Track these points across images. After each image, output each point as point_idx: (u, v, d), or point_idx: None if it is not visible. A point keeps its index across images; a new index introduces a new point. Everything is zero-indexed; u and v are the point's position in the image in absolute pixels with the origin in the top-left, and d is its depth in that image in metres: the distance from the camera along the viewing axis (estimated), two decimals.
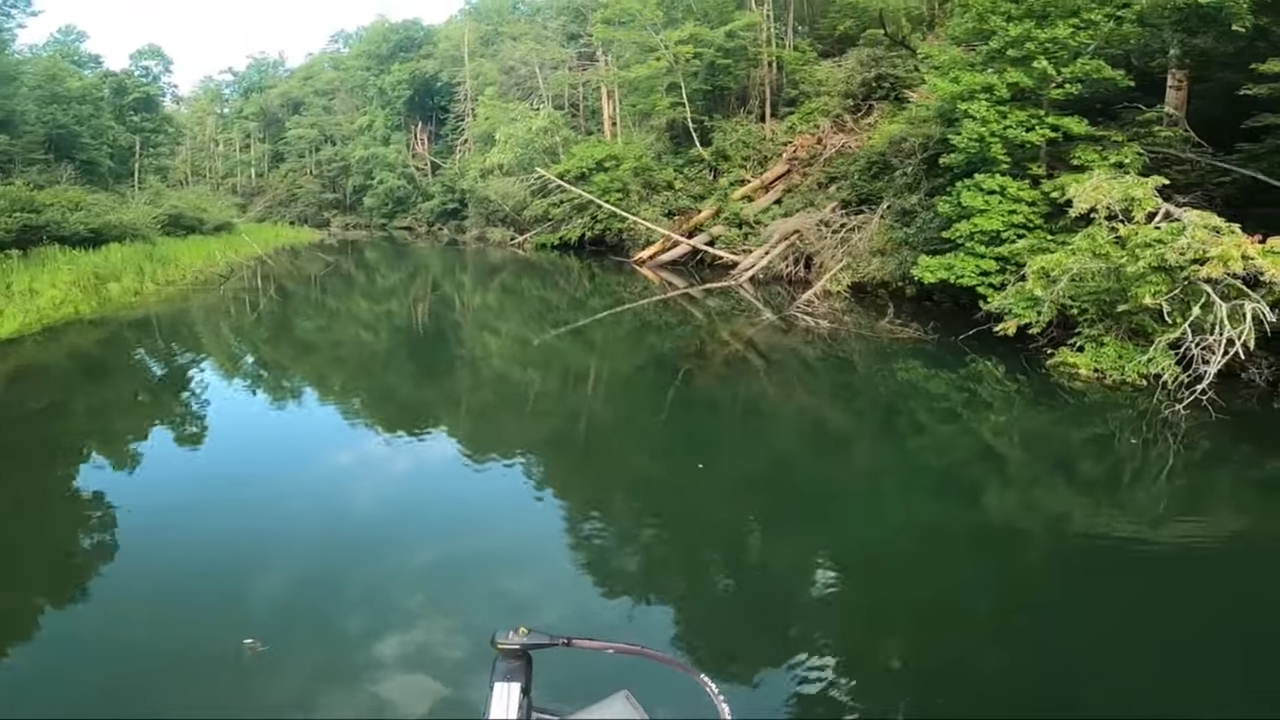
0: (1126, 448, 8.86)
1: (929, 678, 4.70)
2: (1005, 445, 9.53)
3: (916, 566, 6.17)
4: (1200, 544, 6.45)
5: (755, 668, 4.72)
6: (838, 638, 5.12)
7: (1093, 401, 10.21)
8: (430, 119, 55.78)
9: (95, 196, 26.72)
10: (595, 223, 29.22)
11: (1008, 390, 11.23)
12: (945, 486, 8.10)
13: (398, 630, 5.02)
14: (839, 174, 22.05)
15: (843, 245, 19.36)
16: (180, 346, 16.04)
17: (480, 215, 40.64)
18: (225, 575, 5.73)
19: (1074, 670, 4.64)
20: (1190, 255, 9.49)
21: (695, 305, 20.10)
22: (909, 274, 16.69)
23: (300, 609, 5.36)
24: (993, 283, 13.63)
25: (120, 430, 9.95)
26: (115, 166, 35.58)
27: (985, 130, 13.75)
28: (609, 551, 6.50)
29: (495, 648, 1.72)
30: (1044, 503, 7.68)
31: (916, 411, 10.93)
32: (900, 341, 13.97)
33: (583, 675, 2.41)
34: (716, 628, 5.29)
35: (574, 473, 8.77)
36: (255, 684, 4.46)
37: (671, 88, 27.64)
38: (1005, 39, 13.52)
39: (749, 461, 8.94)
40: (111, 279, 20.16)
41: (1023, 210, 13.76)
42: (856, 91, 24.56)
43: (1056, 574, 6.09)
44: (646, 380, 13.51)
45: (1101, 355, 10.76)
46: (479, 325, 19.98)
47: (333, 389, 13.17)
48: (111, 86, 38.53)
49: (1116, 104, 13.98)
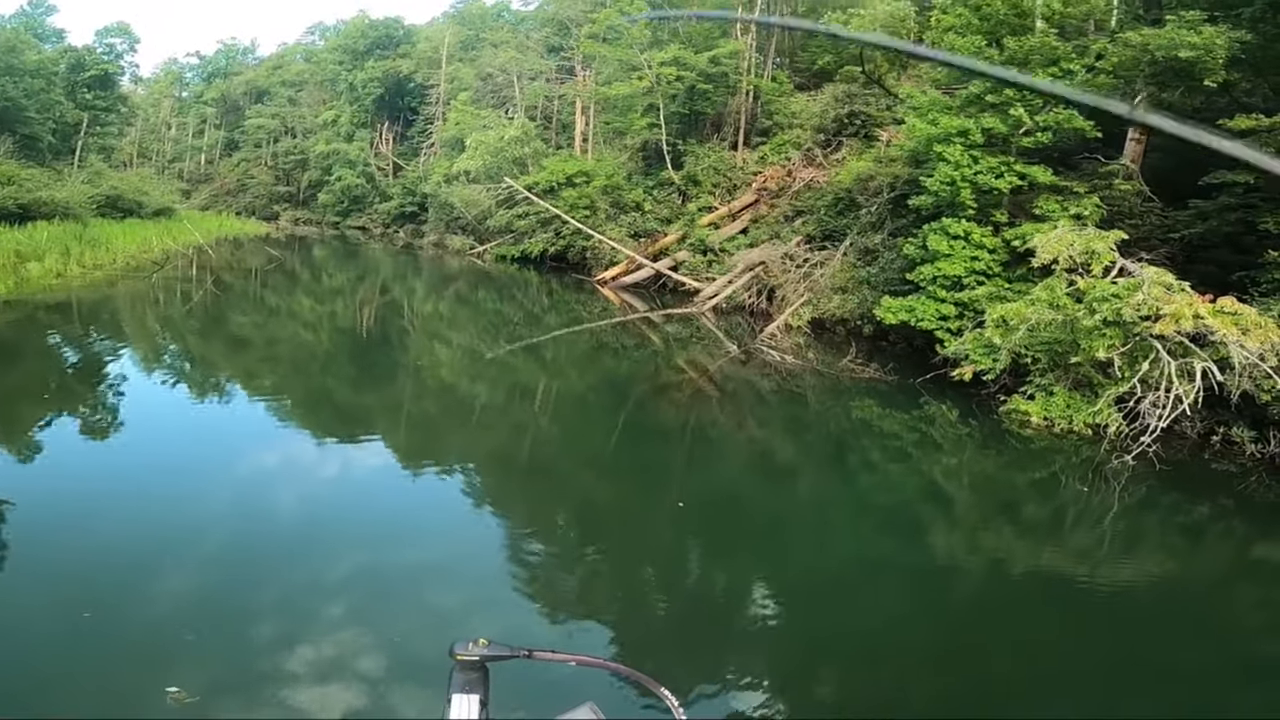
0: (1070, 493, 9.01)
1: (865, 706, 4.84)
2: (954, 486, 9.58)
3: (859, 599, 6.28)
4: (1133, 584, 6.72)
5: (699, 686, 4.71)
6: (777, 663, 5.20)
7: (1040, 448, 10.30)
8: (398, 119, 54.72)
9: (29, 172, 25.57)
10: (559, 238, 28.70)
11: (959, 434, 11.25)
12: (894, 523, 8.24)
13: (308, 641, 4.75)
14: (806, 208, 21.95)
15: (805, 280, 19.15)
16: (100, 334, 14.93)
17: (440, 221, 39.73)
18: (135, 573, 5.38)
19: (1006, 703, 4.89)
20: (1144, 311, 9.65)
21: (655, 330, 19.69)
22: (868, 313, 16.62)
23: (208, 614, 4.99)
24: (950, 328, 13.58)
25: (23, 418, 9.11)
26: (56, 143, 34.25)
27: (958, 174, 13.76)
28: (544, 572, 6.30)
29: (453, 659, 1.70)
30: (987, 542, 7.83)
31: (869, 449, 10.90)
32: (858, 380, 13.76)
33: (543, 688, 2.40)
34: (656, 649, 5.26)
35: (514, 491, 8.48)
36: (157, 695, 4.08)
37: (649, 108, 27.42)
38: (985, 84, 13.56)
39: (697, 489, 8.80)
40: (33, 258, 18.74)
41: (984, 257, 13.78)
42: (829, 126, 24.61)
43: (995, 610, 6.29)
44: (598, 402, 13.18)
45: (1051, 404, 10.78)
46: (428, 334, 19.20)
47: (263, 388, 12.40)
48: (69, 62, 37.44)
49: (1076, 154, 14.15)
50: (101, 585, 5.18)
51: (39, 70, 32.03)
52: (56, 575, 5.32)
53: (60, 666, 4.31)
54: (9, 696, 4.01)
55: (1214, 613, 6.42)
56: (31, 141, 30.86)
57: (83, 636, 4.59)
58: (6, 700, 3.97)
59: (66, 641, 4.54)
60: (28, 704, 4.02)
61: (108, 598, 5.03)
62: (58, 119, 33.89)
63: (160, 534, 6.04)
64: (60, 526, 6.13)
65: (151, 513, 6.48)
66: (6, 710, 3.73)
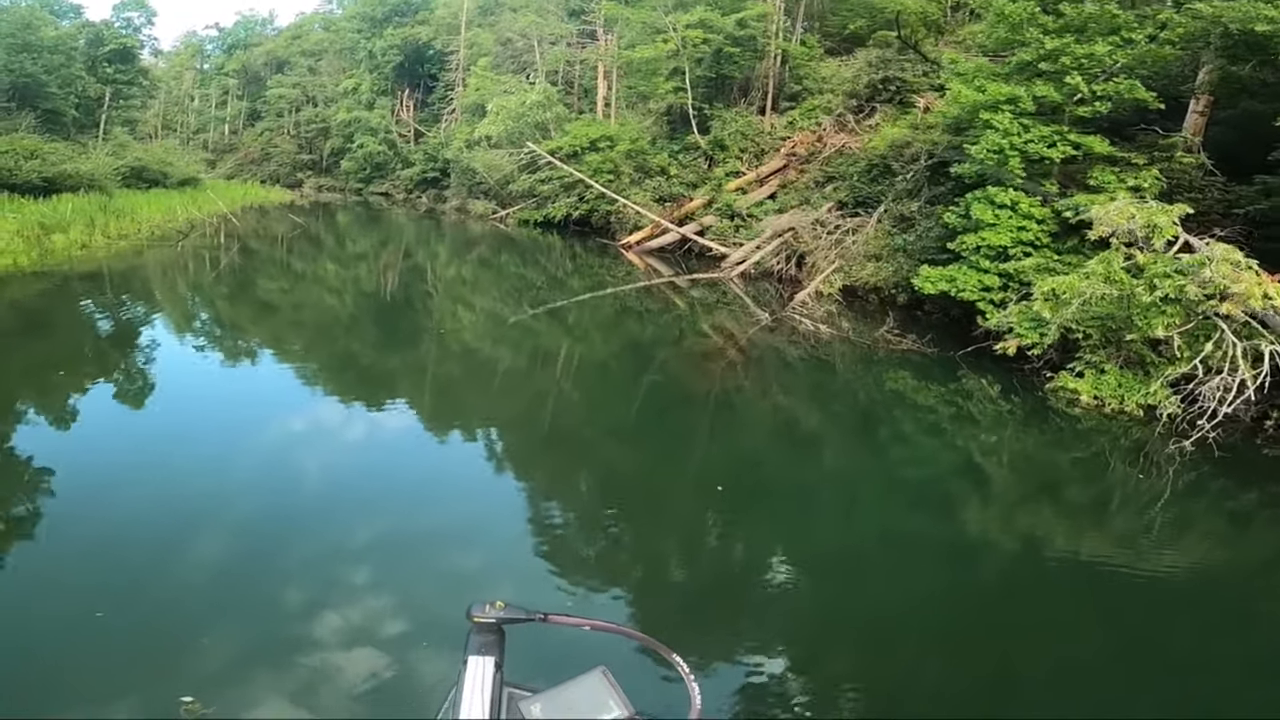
0: (1117, 476, 8.55)
1: (884, 684, 4.67)
2: (992, 464, 9.14)
3: (884, 574, 6.05)
4: (1174, 572, 6.35)
5: (714, 657, 4.64)
6: (794, 635, 5.06)
7: (1086, 428, 9.79)
8: (418, 86, 54.27)
9: (53, 145, 25.64)
10: (582, 202, 28.36)
11: (1000, 410, 10.79)
12: (925, 498, 7.90)
13: (337, 606, 4.72)
14: (837, 174, 21.39)
15: (836, 247, 18.67)
16: (129, 302, 15.01)
17: (462, 186, 39.51)
18: (163, 542, 5.38)
19: (1031, 688, 4.67)
20: (1209, 289, 9.07)
21: (680, 295, 19.39)
22: (903, 281, 16.18)
23: (239, 580, 5.03)
24: (993, 299, 13.08)
25: (56, 386, 9.14)
26: (80, 117, 34.39)
27: (1006, 143, 13.20)
28: (565, 536, 6.25)
29: (470, 621, 1.75)
30: (1023, 523, 7.47)
31: (902, 422, 10.50)
32: (893, 351, 13.37)
33: (557, 651, 2.40)
34: (672, 616, 5.18)
35: (536, 456, 8.35)
36: (186, 663, 4.11)
37: (675, 72, 26.79)
38: (1040, 51, 12.95)
39: (722, 459, 8.59)
40: (57, 230, 18.72)
41: (1032, 228, 13.19)
42: (861, 92, 23.96)
43: (1027, 593, 5.96)
44: (622, 368, 12.97)
45: (1102, 383, 10.26)
46: (452, 298, 19.04)
47: (290, 353, 12.41)
48: (88, 37, 37.45)
49: (1131, 126, 13.56)
50: (133, 553, 5.25)
51: (57, 46, 32.02)
52: (90, 543, 5.37)
53: (94, 634, 4.33)
54: (48, 668, 4.06)
55: (1263, 606, 6.03)
56: (55, 116, 31.01)
57: (116, 605, 4.59)
58: (47, 668, 4.03)
59: (100, 609, 4.55)
60: (64, 672, 4.04)
61: (140, 566, 5.08)
62: (80, 93, 34.01)
63: (190, 501, 6.08)
64: (93, 494, 6.17)
65: (183, 480, 6.51)
66: (7, 710, 3.70)
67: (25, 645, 4.19)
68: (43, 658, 4.12)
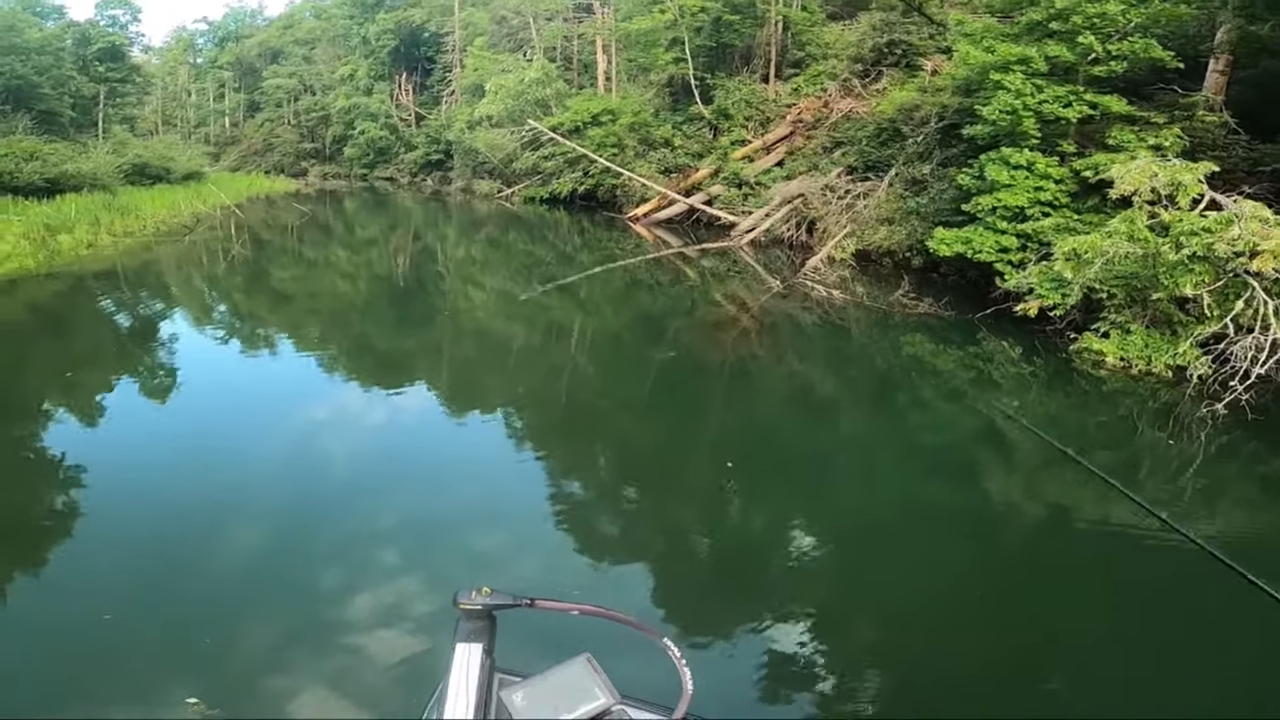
0: (1146, 441, 8.24)
1: (899, 658, 4.51)
2: (1014, 429, 8.69)
3: (900, 545, 5.84)
4: (1211, 542, 5.79)
5: (723, 635, 4.58)
6: (808, 612, 4.86)
7: (1112, 390, 9.51)
8: (415, 69, 53.85)
9: (53, 146, 25.52)
10: (587, 178, 28.21)
11: (1022, 372, 10.53)
12: (944, 465, 7.63)
13: (369, 589, 4.80)
14: (845, 139, 21.17)
15: (848, 212, 18.54)
16: (145, 298, 15.04)
17: (466, 167, 39.38)
18: (195, 536, 5.46)
19: (1054, 662, 4.44)
20: (1239, 247, 8.83)
21: (691, 265, 19.33)
22: (917, 244, 16.07)
23: (271, 570, 5.12)
24: (1011, 260, 12.92)
25: (83, 385, 9.22)
26: (78, 117, 34.24)
27: (1019, 103, 13.00)
28: (586, 512, 6.30)
29: (458, 608, 1.73)
30: (1048, 490, 7.11)
31: (920, 387, 10.31)
32: (909, 315, 13.27)
33: (549, 636, 2.36)
34: (688, 593, 5.13)
35: (553, 431, 8.34)
36: (227, 651, 4.22)
37: (674, 43, 26.49)
38: (1050, 10, 12.70)
39: (736, 429, 8.52)
40: (63, 230, 18.69)
41: (1050, 188, 13.03)
42: (867, 56, 23.63)
43: (1057, 564, 5.62)
44: (635, 340, 12.92)
45: (1128, 344, 10.02)
46: (462, 279, 19.06)
47: (307, 340, 12.53)
48: (75, 37, 37.17)
49: (1150, 85, 13.34)
50: (170, 543, 5.33)
51: (44, 47, 31.78)
52: (126, 538, 5.47)
53: (139, 621, 4.45)
54: (93, 652, 4.19)
55: None
56: (51, 117, 30.89)
57: (156, 596, 4.72)
58: (84, 665, 4.12)
59: (142, 600, 4.68)
60: (111, 652, 4.17)
61: (173, 560, 5.14)
62: (74, 93, 33.84)
63: (219, 494, 6.15)
64: (124, 491, 6.24)
65: (211, 472, 6.58)
66: (8, 708, 3.75)
67: (63, 643, 4.30)
68: (77, 655, 4.21)
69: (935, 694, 4.17)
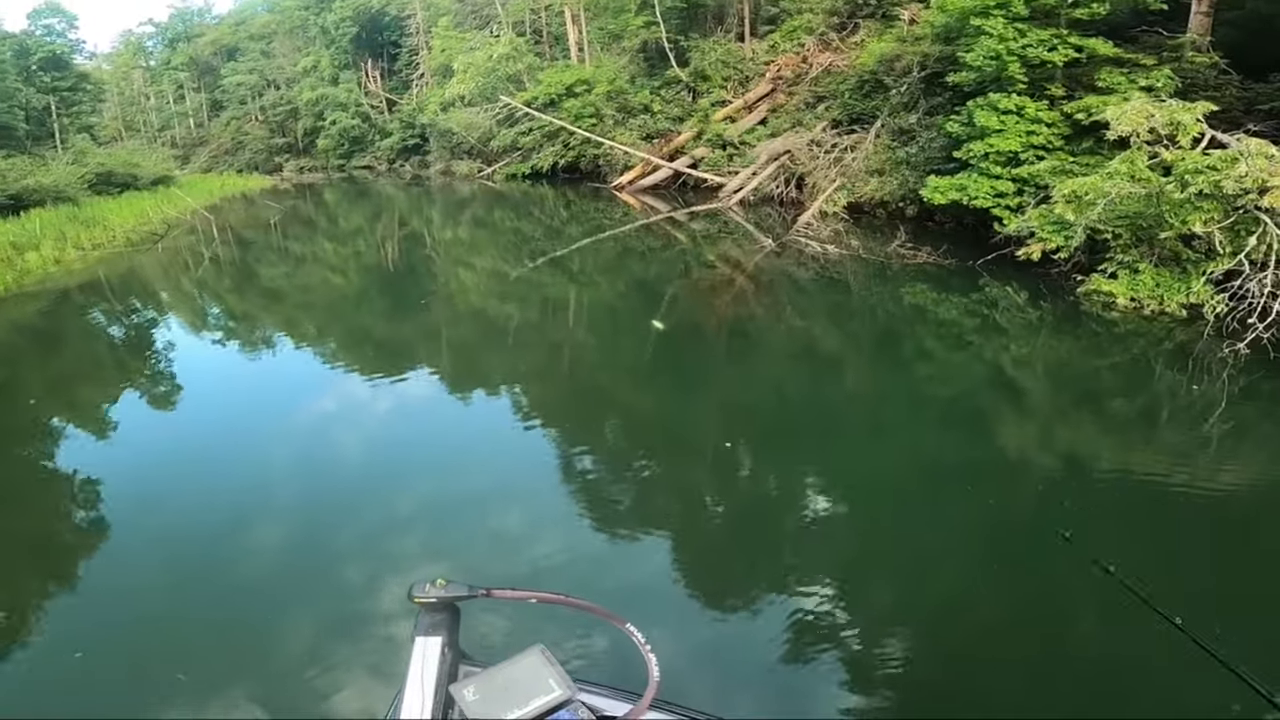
0: (1165, 384, 7.95)
1: (913, 624, 4.32)
2: (1025, 375, 8.69)
3: (909, 502, 5.71)
4: (1239, 491, 5.68)
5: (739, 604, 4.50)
6: (821, 578, 4.74)
7: (1125, 332, 9.27)
8: (381, 55, 52.67)
9: (10, 161, 24.90)
10: (568, 150, 27.92)
11: (1029, 318, 10.35)
12: (954, 417, 7.46)
13: (398, 576, 4.77)
14: (827, 93, 21.00)
15: (836, 165, 18.44)
16: (132, 309, 14.66)
17: (444, 149, 38.84)
18: (215, 539, 5.48)
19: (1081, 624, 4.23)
20: (1248, 184, 8.71)
21: (681, 230, 19.22)
22: (910, 194, 16.05)
23: (296, 567, 5.16)
24: (1009, 204, 12.94)
25: (87, 400, 9.18)
26: (33, 129, 33.42)
27: (1003, 48, 12.92)
28: (594, 485, 6.24)
29: (413, 601, 1.71)
30: (1063, 439, 6.88)
31: (924, 337, 10.21)
32: (908, 264, 13.20)
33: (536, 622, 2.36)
34: (697, 569, 4.97)
35: (556, 407, 8.28)
36: (253, 647, 4.27)
37: (644, 6, 26.03)
38: None
39: (741, 391, 8.43)
40: (29, 248, 18.08)
41: (1042, 131, 13.02)
42: (842, 9, 23.34)
43: (1080, 516, 5.25)
44: (630, 309, 12.81)
45: (1138, 283, 9.87)
46: (452, 261, 18.84)
47: (304, 335, 12.45)
48: (13, 49, 35.81)
49: (1132, 28, 13.27)
50: (193, 549, 5.36)
51: None
52: (148, 547, 5.50)
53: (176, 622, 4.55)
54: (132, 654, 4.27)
55: None
56: (5, 131, 30.16)
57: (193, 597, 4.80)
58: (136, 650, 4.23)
59: (180, 602, 4.75)
60: (149, 652, 4.24)
61: (198, 564, 5.17)
62: (24, 105, 32.92)
63: (235, 495, 6.17)
64: (140, 500, 6.23)
65: (224, 475, 6.60)
66: (8, 709, 3.78)
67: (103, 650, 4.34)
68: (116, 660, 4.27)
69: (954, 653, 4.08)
